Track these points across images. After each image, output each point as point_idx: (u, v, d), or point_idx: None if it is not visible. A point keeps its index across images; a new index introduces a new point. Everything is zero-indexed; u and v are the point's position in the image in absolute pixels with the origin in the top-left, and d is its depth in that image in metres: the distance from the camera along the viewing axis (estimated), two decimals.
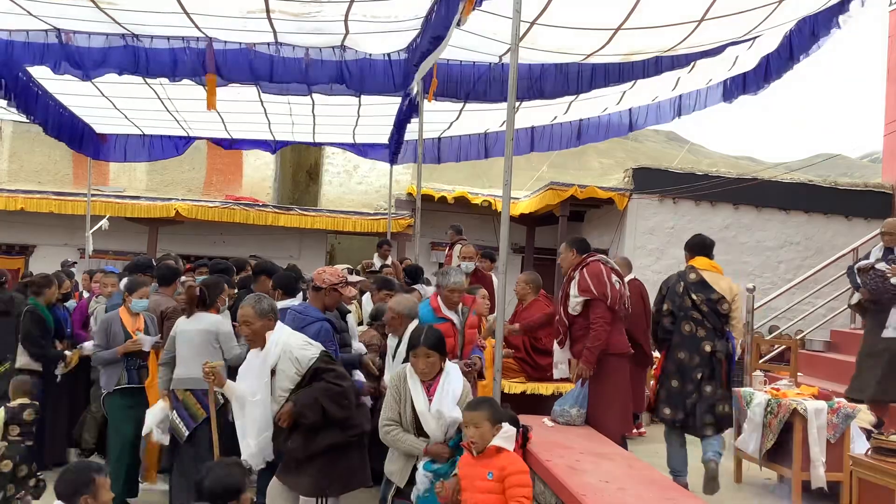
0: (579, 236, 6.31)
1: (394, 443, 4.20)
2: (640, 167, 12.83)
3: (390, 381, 4.36)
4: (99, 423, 7.06)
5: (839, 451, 5.95)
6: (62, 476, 3.36)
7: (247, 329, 4.36)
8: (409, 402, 4.20)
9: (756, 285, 8.50)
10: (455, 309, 5.68)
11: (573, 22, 6.13)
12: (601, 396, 5.73)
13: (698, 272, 6.34)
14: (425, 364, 4.14)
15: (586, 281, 5.77)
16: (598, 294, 5.71)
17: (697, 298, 6.22)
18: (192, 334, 5.50)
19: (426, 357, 4.13)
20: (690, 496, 4.12)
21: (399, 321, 5.33)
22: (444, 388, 4.18)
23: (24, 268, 14.65)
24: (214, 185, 15.97)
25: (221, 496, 3.34)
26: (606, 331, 5.70)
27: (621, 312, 5.86)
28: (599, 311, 5.72)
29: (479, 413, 3.77)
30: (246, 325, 4.35)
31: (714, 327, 6.18)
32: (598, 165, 26.08)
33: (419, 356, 4.14)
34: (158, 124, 10.21)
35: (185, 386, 5.41)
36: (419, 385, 4.19)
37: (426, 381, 4.21)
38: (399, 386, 4.26)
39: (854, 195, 12.67)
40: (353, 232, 15.17)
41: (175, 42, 6.72)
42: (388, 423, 4.22)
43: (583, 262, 5.89)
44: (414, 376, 4.20)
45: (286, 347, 4.33)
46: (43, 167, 15.53)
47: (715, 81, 8.17)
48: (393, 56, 7.08)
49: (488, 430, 3.74)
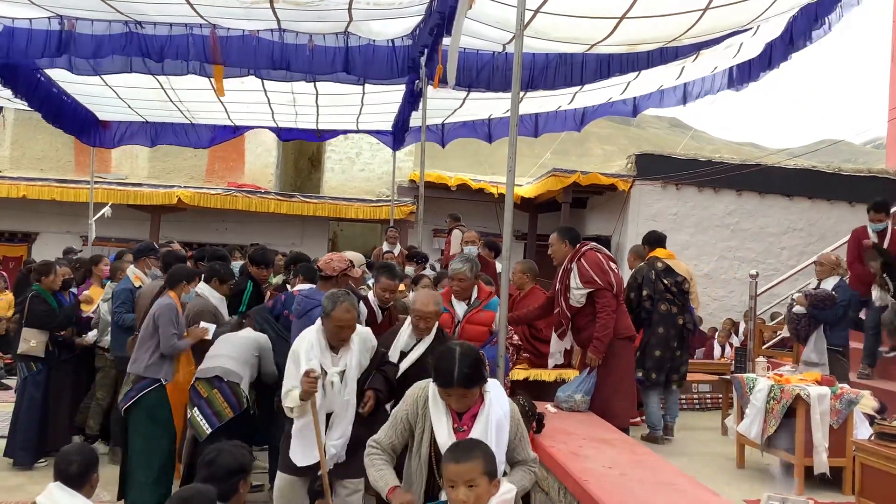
0: (568, 226, 6.52)
1: (367, 468, 3.27)
2: (643, 153, 12.80)
3: (406, 398, 3.34)
4: (104, 410, 7.12)
5: (842, 437, 5.97)
6: (65, 457, 3.35)
7: (349, 331, 4.17)
8: (429, 432, 3.20)
9: (759, 271, 8.51)
10: (463, 298, 5.52)
11: (577, 10, 6.11)
12: (610, 380, 5.78)
13: (662, 261, 7.29)
14: (461, 402, 3.12)
15: (588, 272, 5.79)
16: (603, 284, 5.74)
17: (668, 282, 7.15)
18: (238, 336, 5.52)
19: (463, 397, 3.10)
20: (691, 480, 4.15)
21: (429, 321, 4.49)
22: (486, 417, 3.13)
23: (26, 255, 14.67)
24: (216, 172, 15.96)
25: (230, 475, 3.36)
26: (613, 319, 5.75)
27: (621, 297, 5.93)
28: (605, 299, 5.76)
29: (472, 465, 2.70)
30: (349, 328, 4.16)
31: (682, 304, 7.19)
32: (601, 152, 26.04)
33: (453, 395, 3.10)
34: (162, 113, 10.19)
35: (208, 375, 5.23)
36: (444, 410, 3.17)
37: None
38: (417, 410, 3.26)
39: (858, 181, 12.64)
40: (355, 219, 15.18)
41: (177, 29, 6.71)
42: (375, 447, 3.29)
43: (577, 252, 5.92)
44: (439, 401, 3.16)
45: (363, 336, 4.31)
46: (45, 154, 15.52)
47: (720, 69, 8.14)
48: (397, 42, 7.06)
49: (485, 490, 2.72)
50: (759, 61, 7.47)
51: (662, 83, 8.67)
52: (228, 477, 3.33)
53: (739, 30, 6.68)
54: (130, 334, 6.61)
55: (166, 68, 7.36)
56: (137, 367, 5.41)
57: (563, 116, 10.19)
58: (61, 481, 3.30)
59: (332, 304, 4.06)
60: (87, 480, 3.33)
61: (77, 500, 3.28)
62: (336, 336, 4.11)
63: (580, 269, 5.83)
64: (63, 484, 3.29)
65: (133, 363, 5.47)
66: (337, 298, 4.08)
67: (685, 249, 11.90)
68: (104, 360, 7.09)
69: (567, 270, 5.95)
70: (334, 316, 4.04)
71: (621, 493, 3.79)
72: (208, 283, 6.07)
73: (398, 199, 14.12)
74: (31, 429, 6.56)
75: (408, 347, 4.51)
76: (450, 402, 3.14)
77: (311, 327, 4.29)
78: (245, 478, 3.42)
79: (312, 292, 5.33)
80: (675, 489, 3.93)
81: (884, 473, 5.10)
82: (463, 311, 5.49)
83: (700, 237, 12.17)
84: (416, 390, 3.34)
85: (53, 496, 3.25)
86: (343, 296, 4.12)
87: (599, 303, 5.76)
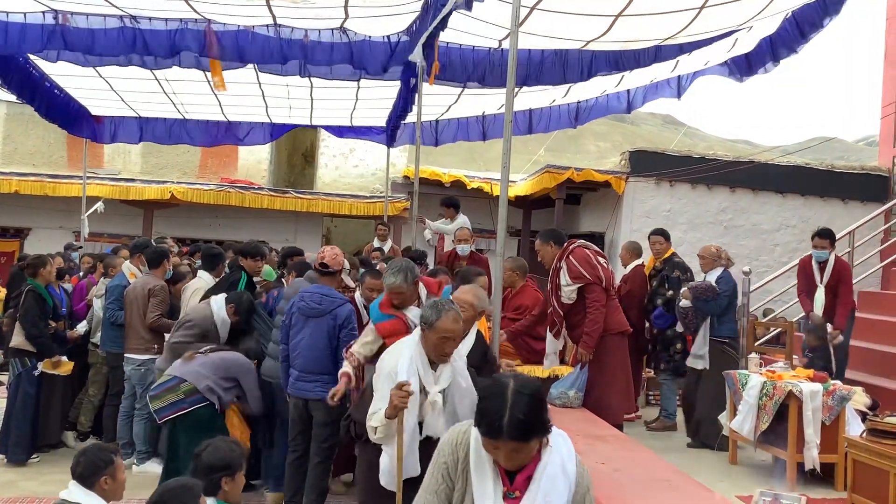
0: (550, 228, 6.56)
1: None
2: (637, 150, 12.80)
3: (443, 445, 2.58)
4: (96, 407, 7.11)
5: (834, 433, 6.00)
6: (80, 457, 3.43)
7: (455, 344, 3.64)
8: (470, 499, 2.46)
9: (752, 268, 8.53)
10: (410, 304, 4.67)
11: (573, 8, 6.11)
12: (603, 375, 5.82)
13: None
14: (511, 458, 2.36)
15: (577, 267, 5.84)
16: (591, 278, 5.79)
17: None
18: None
19: (515, 451, 2.34)
20: (684, 476, 4.16)
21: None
22: (542, 485, 2.39)
23: (19, 250, 14.62)
24: (210, 167, 15.90)
25: (212, 471, 3.41)
26: (603, 314, 5.79)
27: (612, 292, 5.95)
28: (594, 294, 5.80)
29: None
30: (456, 341, 3.63)
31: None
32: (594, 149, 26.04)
33: (501, 449, 2.34)
34: (155, 108, 10.16)
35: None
36: (490, 469, 2.42)
37: None
38: (458, 463, 2.51)
39: (850, 178, 12.68)
40: (349, 215, 15.14)
41: (173, 24, 6.69)
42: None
43: (565, 250, 5.95)
44: (483, 455, 2.41)
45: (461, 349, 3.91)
46: (37, 150, 15.44)
47: (713, 63, 8.15)
48: (392, 38, 7.05)
49: None
50: (756, 55, 7.46)
51: (656, 76, 8.67)
52: (211, 472, 3.39)
53: (734, 28, 6.69)
54: (122, 332, 6.64)
55: (162, 63, 7.34)
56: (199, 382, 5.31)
57: (558, 114, 10.18)
58: (74, 479, 3.40)
59: (437, 314, 3.53)
60: (96, 481, 3.37)
61: (92, 499, 3.34)
62: (439, 350, 3.55)
63: (569, 266, 5.88)
64: (77, 482, 3.39)
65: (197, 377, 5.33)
66: (442, 307, 3.57)
67: (678, 246, 11.84)
68: (96, 356, 7.08)
69: (556, 269, 5.99)
70: (440, 327, 3.50)
71: (614, 489, 3.81)
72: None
73: (392, 195, 14.11)
74: (24, 425, 6.53)
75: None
76: (497, 457, 2.38)
77: (405, 339, 3.73)
78: (231, 475, 3.45)
79: (330, 290, 5.23)
80: (669, 485, 3.95)
81: (875, 469, 5.13)
82: (412, 316, 4.62)
83: (693, 234, 12.17)
84: (456, 435, 2.56)
85: (72, 493, 3.36)
86: (448, 304, 3.64)
87: (589, 297, 5.80)
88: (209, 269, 6.81)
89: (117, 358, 6.70)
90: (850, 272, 7.86)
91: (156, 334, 6.53)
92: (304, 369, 5.07)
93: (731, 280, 7.39)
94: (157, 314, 6.48)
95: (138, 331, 6.50)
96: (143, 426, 6.44)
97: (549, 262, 6.12)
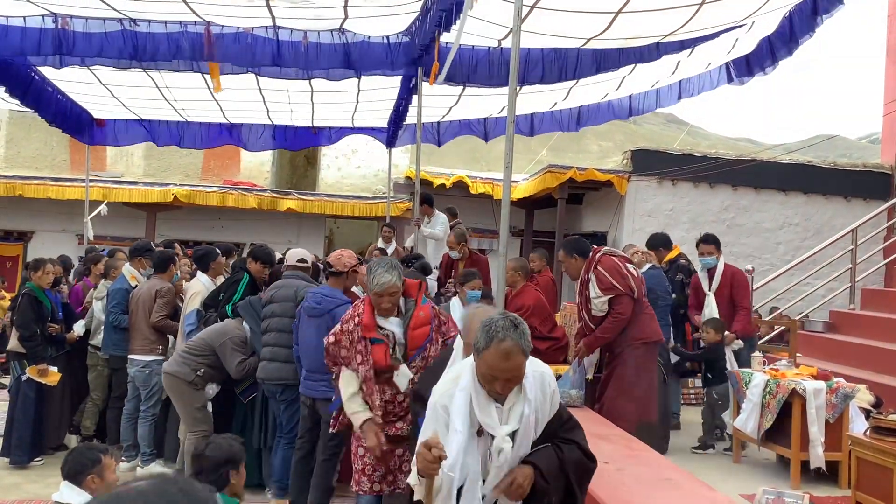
0: (573, 238, 6.35)
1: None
2: (639, 149, 12.78)
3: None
4: (99, 410, 7.11)
5: (838, 431, 5.99)
6: (69, 456, 3.49)
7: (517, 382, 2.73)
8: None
9: (755, 266, 8.53)
10: (394, 311, 4.16)
11: (574, 5, 6.10)
12: (623, 381, 5.72)
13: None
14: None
15: (607, 278, 5.68)
16: (623, 289, 5.67)
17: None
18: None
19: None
20: (687, 475, 4.15)
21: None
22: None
23: (22, 254, 14.64)
24: (212, 169, 15.92)
25: (226, 463, 3.45)
26: (621, 327, 5.69)
27: (643, 301, 5.85)
28: (621, 306, 5.68)
29: None
30: (518, 378, 2.69)
31: None
32: (596, 148, 25.99)
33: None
34: (156, 112, 10.17)
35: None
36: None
37: None
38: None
39: (853, 176, 12.65)
40: (351, 216, 15.14)
41: (172, 27, 6.69)
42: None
43: (592, 260, 5.83)
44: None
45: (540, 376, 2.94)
46: (39, 153, 15.47)
47: (714, 65, 8.14)
48: (392, 39, 7.06)
49: None
50: (756, 56, 7.46)
51: (658, 79, 8.66)
52: (217, 468, 3.44)
53: (735, 25, 6.68)
54: (124, 335, 6.65)
55: (161, 66, 7.35)
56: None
57: (560, 117, 10.18)
58: (64, 479, 3.45)
59: (489, 339, 2.59)
60: (83, 479, 3.40)
61: (83, 498, 3.36)
62: (490, 386, 2.66)
63: (599, 277, 5.72)
64: (67, 482, 3.44)
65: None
66: (497, 330, 2.60)
67: (681, 245, 11.83)
68: (96, 358, 7.08)
69: (585, 281, 5.83)
70: (488, 360, 2.60)
71: (617, 488, 3.80)
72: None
73: (394, 196, 14.11)
74: (26, 427, 6.54)
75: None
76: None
77: (458, 367, 2.94)
78: (235, 468, 3.51)
79: (332, 291, 5.24)
80: (672, 484, 3.94)
81: (879, 467, 5.11)
82: (400, 328, 4.14)
83: (696, 233, 12.08)
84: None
85: (63, 494, 3.41)
86: (505, 329, 2.61)
87: (615, 309, 5.68)
88: (203, 270, 6.81)
89: (120, 361, 6.71)
90: (745, 278, 7.59)
91: (160, 335, 6.55)
92: (310, 368, 5.12)
93: (655, 277, 7.21)
94: (163, 314, 6.50)
95: (144, 332, 6.52)
96: (147, 428, 6.45)
97: (575, 275, 5.96)
